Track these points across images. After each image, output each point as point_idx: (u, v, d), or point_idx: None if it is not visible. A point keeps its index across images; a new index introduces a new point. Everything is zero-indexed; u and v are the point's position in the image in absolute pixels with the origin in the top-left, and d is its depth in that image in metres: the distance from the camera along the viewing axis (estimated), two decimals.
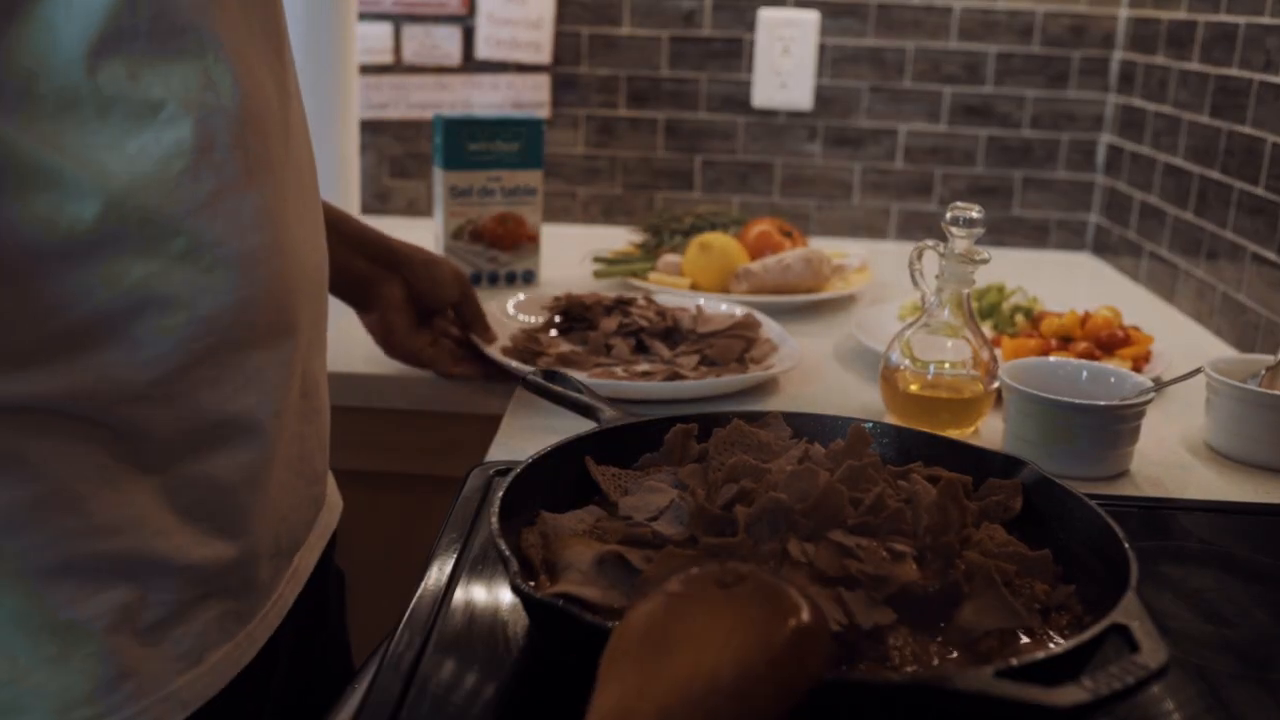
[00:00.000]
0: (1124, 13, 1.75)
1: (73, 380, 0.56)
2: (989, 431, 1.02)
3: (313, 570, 0.78)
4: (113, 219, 0.54)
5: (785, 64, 1.79)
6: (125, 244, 0.55)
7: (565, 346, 1.19)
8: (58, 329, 0.55)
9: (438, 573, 0.71)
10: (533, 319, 1.30)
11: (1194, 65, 1.50)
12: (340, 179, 1.65)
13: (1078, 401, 0.93)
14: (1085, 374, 1.01)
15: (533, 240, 1.51)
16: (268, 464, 0.66)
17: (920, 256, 1.03)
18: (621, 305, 1.25)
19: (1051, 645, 0.59)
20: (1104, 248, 1.81)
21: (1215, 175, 1.43)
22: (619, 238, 1.72)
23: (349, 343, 1.21)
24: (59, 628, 0.57)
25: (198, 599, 0.63)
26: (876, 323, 1.30)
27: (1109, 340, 1.20)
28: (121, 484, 0.59)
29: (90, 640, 0.58)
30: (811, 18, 1.77)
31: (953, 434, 0.96)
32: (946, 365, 1.01)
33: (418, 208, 1.90)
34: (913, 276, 1.03)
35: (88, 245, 0.54)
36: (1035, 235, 1.87)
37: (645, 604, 0.47)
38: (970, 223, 0.98)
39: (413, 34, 1.83)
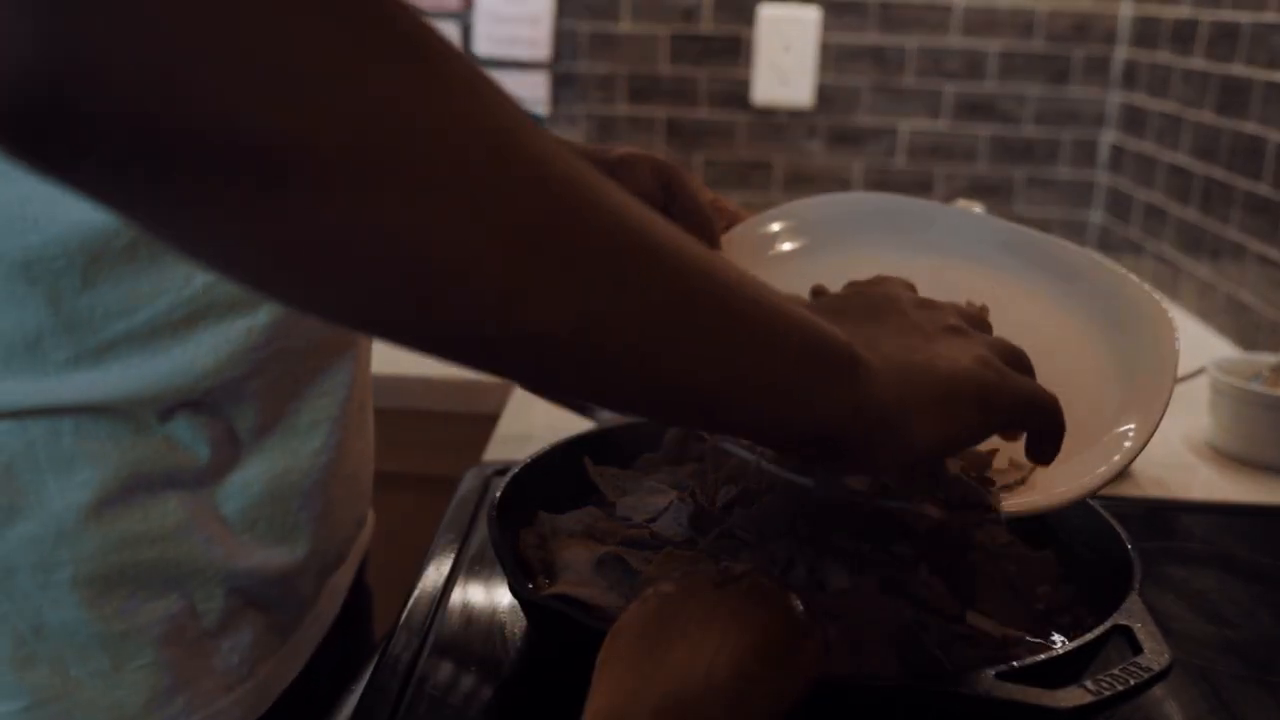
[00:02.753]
0: (1126, 10, 1.75)
1: (133, 383, 0.56)
2: None
3: (349, 587, 0.76)
4: None
5: (786, 61, 1.78)
6: None
7: None
8: (121, 331, 0.55)
9: (435, 573, 0.71)
10: None
11: (1197, 63, 1.49)
12: None
13: None
14: None
15: None
16: (325, 476, 0.65)
17: None
18: None
19: (1053, 646, 0.58)
20: (1106, 246, 1.80)
21: (1218, 174, 1.42)
22: None
23: None
24: (111, 639, 0.56)
25: (240, 609, 0.61)
26: None
27: None
28: (178, 488, 0.58)
29: (143, 652, 0.57)
30: (812, 15, 1.76)
31: None
32: None
33: None
34: None
35: (154, 248, 0.54)
36: None
37: (639, 605, 0.47)
38: None
39: None
